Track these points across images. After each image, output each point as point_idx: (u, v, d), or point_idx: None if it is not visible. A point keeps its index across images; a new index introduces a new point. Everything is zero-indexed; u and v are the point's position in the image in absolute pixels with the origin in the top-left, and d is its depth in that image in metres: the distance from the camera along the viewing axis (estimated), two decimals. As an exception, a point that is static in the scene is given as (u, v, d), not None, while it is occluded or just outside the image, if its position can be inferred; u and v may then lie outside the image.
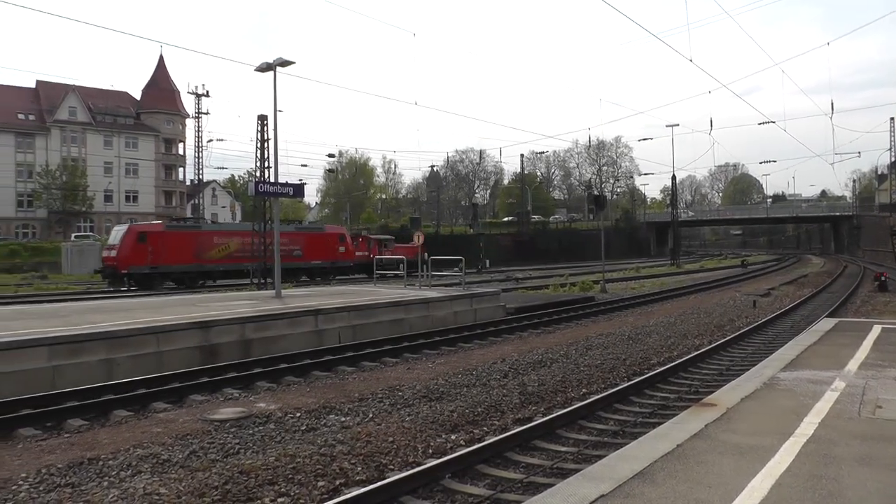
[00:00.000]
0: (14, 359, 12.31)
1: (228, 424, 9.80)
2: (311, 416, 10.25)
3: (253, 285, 41.46)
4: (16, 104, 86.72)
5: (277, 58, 23.83)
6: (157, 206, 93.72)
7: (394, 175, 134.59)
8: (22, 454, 8.80)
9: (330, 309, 18.33)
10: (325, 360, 15.27)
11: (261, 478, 7.48)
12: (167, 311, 17.97)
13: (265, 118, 43.15)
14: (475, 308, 22.80)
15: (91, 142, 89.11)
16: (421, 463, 8.06)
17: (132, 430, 9.89)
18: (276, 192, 24.31)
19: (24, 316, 17.64)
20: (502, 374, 13.40)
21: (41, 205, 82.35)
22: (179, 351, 14.61)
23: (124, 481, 7.53)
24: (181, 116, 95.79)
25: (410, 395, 11.60)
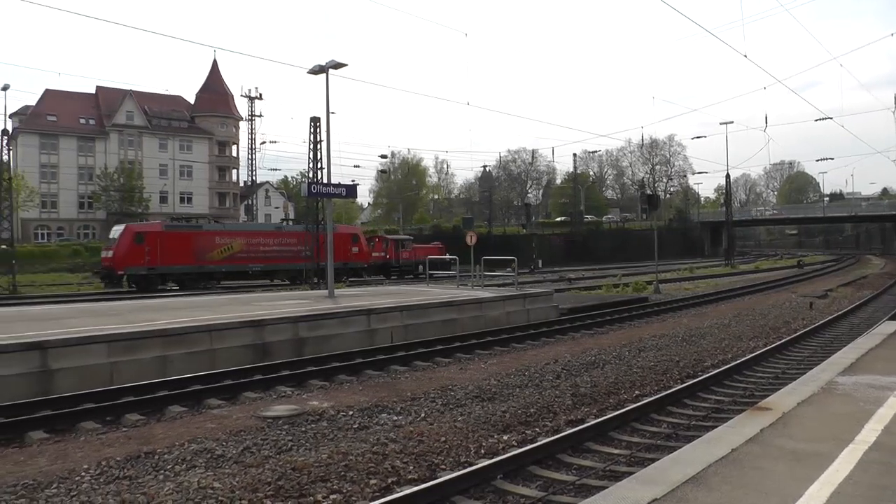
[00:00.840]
0: (76, 355, 12.66)
1: (281, 421, 9.86)
2: (364, 414, 10.27)
3: (306, 285, 41.71)
4: (77, 110, 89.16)
5: (330, 60, 23.95)
6: (211, 207, 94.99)
7: (446, 175, 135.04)
8: (84, 447, 9.05)
9: (382, 308, 18.39)
10: (377, 359, 15.33)
11: (313, 475, 7.51)
12: (220, 310, 18.20)
13: (318, 120, 43.56)
14: (528, 308, 22.68)
15: (147, 145, 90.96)
16: (473, 463, 8.02)
17: (187, 425, 10.03)
18: (329, 192, 24.44)
19: (85, 314, 18.03)
20: (555, 374, 13.29)
21: (100, 206, 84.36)
22: (232, 349, 14.80)
23: (179, 475, 7.63)
24: (235, 119, 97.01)
25: (463, 395, 11.56)
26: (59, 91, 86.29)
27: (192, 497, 6.88)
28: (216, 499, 6.85)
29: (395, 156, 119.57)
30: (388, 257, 52.96)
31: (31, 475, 7.71)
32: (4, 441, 9.70)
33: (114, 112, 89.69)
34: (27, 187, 75.11)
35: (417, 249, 54.82)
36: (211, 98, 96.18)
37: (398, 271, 52.75)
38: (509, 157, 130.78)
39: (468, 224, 75.29)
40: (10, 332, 13.92)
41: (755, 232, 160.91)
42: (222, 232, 45.73)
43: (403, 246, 54.45)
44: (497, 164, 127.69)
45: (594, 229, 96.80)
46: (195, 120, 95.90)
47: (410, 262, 53.09)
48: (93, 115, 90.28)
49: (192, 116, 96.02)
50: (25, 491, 7.19)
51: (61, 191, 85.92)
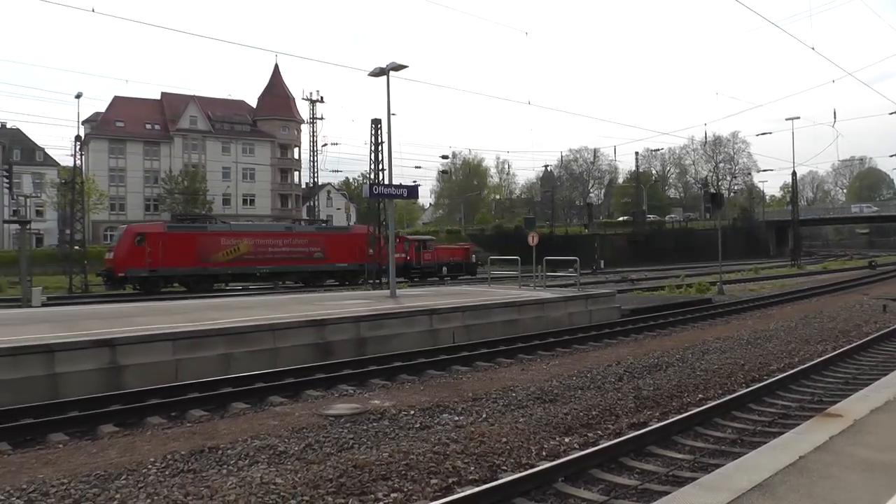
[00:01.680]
0: (142, 352, 12.99)
1: (343, 420, 9.93)
2: (425, 414, 10.28)
3: (368, 285, 41.90)
4: (143, 115, 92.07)
5: (391, 62, 24.06)
6: (273, 208, 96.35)
7: (507, 175, 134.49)
8: (150, 440, 9.30)
9: (444, 309, 18.43)
10: (439, 359, 15.36)
11: (374, 473, 7.54)
12: (283, 309, 18.43)
13: (379, 122, 43.80)
14: (590, 309, 22.51)
15: (210, 148, 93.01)
16: (534, 465, 7.97)
17: (249, 421, 10.17)
18: (391, 193, 24.56)
19: (152, 312, 18.42)
20: (617, 377, 13.14)
21: (165, 209, 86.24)
22: (294, 348, 14.99)
23: (242, 470, 7.75)
24: (296, 122, 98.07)
25: (524, 396, 11.50)
26: (126, 98, 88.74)
27: (255, 492, 6.96)
28: (278, 494, 6.92)
29: (456, 156, 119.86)
30: (408, 258, 50.44)
31: (103, 466, 7.97)
32: (79, 433, 10.16)
33: (178, 117, 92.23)
34: (97, 190, 77.39)
35: (441, 251, 53.16)
36: (273, 102, 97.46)
37: (419, 273, 50.34)
38: (571, 157, 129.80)
39: (530, 224, 74.79)
40: (82, 330, 14.35)
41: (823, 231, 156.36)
42: (228, 233, 44.29)
43: (425, 247, 51.95)
44: (559, 164, 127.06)
45: (657, 229, 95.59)
46: (257, 123, 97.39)
47: (432, 264, 50.97)
48: (158, 121, 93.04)
49: (255, 120, 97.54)
50: (98, 481, 7.42)
51: (129, 194, 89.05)
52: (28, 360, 12.06)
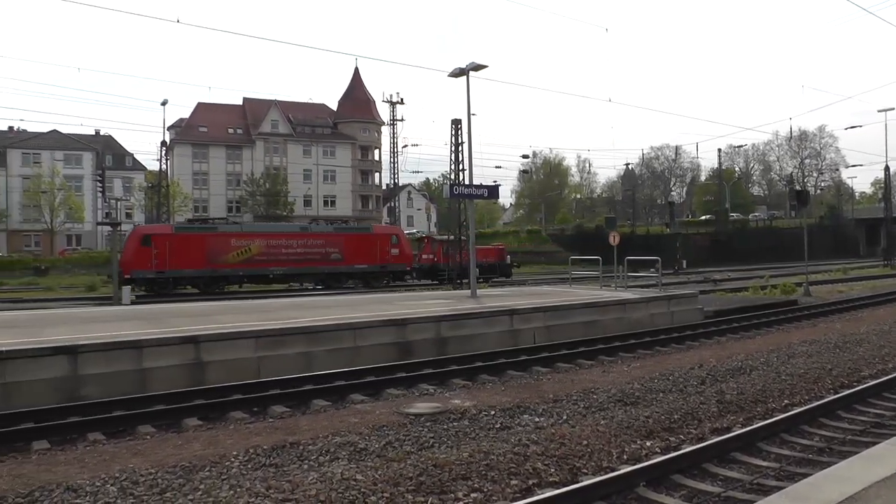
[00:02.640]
0: (226, 349, 13.32)
1: (423, 419, 9.95)
2: (506, 414, 10.22)
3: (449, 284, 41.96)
4: (226, 120, 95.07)
5: (470, 62, 24.05)
6: (354, 209, 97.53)
7: (588, 174, 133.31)
8: (233, 434, 9.51)
9: (525, 309, 18.37)
10: (520, 359, 15.30)
11: (454, 472, 7.52)
12: (364, 309, 18.62)
13: (459, 122, 43.91)
14: (672, 310, 22.15)
15: (291, 151, 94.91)
16: (615, 468, 7.85)
17: (330, 418, 10.28)
18: (471, 193, 24.54)
19: (235, 311, 18.86)
20: (699, 380, 12.85)
21: (248, 210, 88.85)
22: (375, 346, 15.12)
23: (323, 466, 7.83)
24: (376, 124, 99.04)
25: (605, 398, 11.34)
26: (209, 104, 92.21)
27: (336, 487, 7.01)
28: (358, 490, 6.96)
29: (536, 155, 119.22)
30: (435, 260, 48.97)
31: (188, 458, 8.21)
32: (165, 426, 10.56)
33: (260, 121, 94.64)
34: (182, 193, 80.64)
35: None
36: (353, 104, 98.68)
37: (447, 275, 47.84)
38: (652, 154, 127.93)
39: (611, 224, 73.71)
40: (168, 327, 14.77)
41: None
42: (239, 234, 43.07)
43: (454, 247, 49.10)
44: (639, 162, 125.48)
45: (740, 228, 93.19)
46: (338, 126, 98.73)
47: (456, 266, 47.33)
48: (240, 125, 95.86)
49: (335, 123, 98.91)
50: (183, 472, 7.65)
51: (212, 196, 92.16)
52: (118, 355, 12.54)
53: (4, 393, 11.45)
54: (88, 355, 12.26)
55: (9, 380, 11.58)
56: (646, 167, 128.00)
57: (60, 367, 12.00)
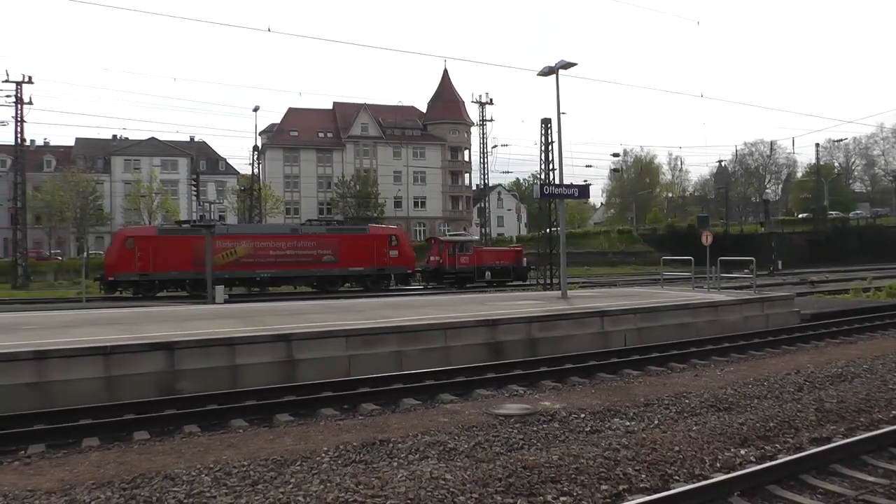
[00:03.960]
0: (317, 347, 13.56)
1: (513, 420, 9.91)
2: (596, 417, 10.11)
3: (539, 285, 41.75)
4: (317, 124, 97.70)
5: (559, 60, 23.88)
6: (445, 210, 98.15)
7: (680, 172, 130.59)
8: (324, 431, 9.66)
9: (616, 311, 18.15)
10: (610, 362, 15.13)
11: (543, 474, 7.46)
12: (456, 309, 18.69)
13: (549, 121, 43.63)
14: (767, 313, 21.49)
15: (381, 153, 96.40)
16: (707, 476, 7.64)
17: (420, 417, 10.35)
18: (561, 193, 24.38)
19: (326, 310, 19.19)
20: (796, 386, 12.43)
21: (338, 212, 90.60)
22: (466, 347, 15.13)
23: (412, 464, 7.88)
24: (466, 125, 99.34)
25: (697, 403, 11.09)
26: (300, 109, 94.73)
27: (424, 486, 7.04)
28: (447, 489, 6.97)
29: (627, 154, 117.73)
30: (441, 262, 46.07)
31: (279, 452, 8.41)
32: (257, 420, 10.82)
33: (350, 125, 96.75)
34: (273, 196, 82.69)
35: (484, 253, 48.42)
36: (442, 106, 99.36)
37: (453, 278, 45.76)
38: (746, 151, 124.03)
39: (703, 223, 72.07)
40: (260, 325, 15.09)
41: None
42: (224, 235, 41.38)
43: (462, 249, 46.61)
44: (733, 159, 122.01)
45: (840, 227, 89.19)
46: (427, 128, 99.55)
47: (469, 269, 45.76)
48: (331, 129, 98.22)
49: (425, 124, 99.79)
50: (274, 465, 7.85)
51: (303, 198, 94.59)
52: (213, 351, 12.89)
53: (109, 385, 11.97)
54: (184, 351, 12.68)
55: (113, 373, 12.06)
56: (739, 164, 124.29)
57: (158, 363, 12.45)
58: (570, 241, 46.19)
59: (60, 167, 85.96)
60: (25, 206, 54.17)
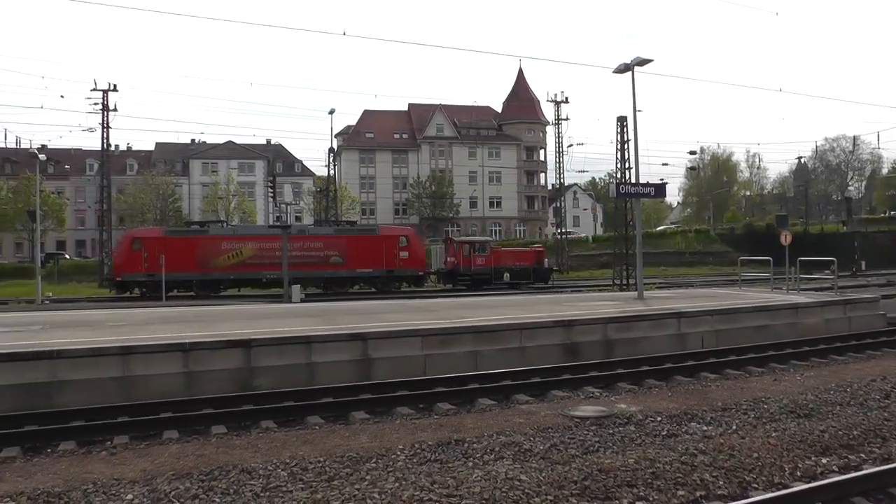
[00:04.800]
0: (392, 346, 13.72)
1: (588, 422, 9.82)
2: (672, 421, 9.94)
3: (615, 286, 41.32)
4: (392, 126, 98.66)
5: (635, 57, 23.63)
6: (520, 210, 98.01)
7: (758, 169, 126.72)
8: (399, 429, 9.74)
9: (693, 312, 17.89)
10: (687, 364, 14.89)
11: (619, 478, 7.38)
12: (532, 309, 18.68)
13: (624, 119, 43.14)
14: (849, 316, 20.83)
15: (456, 154, 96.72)
16: (788, 485, 7.43)
17: (495, 418, 10.32)
18: (637, 192, 24.15)
19: (403, 309, 19.47)
20: (883, 393, 11.98)
21: (414, 212, 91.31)
22: (542, 347, 15.08)
23: (487, 464, 7.87)
24: (541, 124, 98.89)
25: (776, 408, 10.81)
26: (375, 111, 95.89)
27: (500, 486, 7.02)
28: (522, 490, 6.94)
29: (704, 151, 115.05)
30: (456, 263, 44.66)
31: (355, 449, 8.51)
32: (333, 418, 10.99)
33: (425, 126, 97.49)
34: (349, 197, 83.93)
35: (502, 254, 46.56)
36: (517, 105, 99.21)
37: (469, 280, 43.76)
38: (827, 146, 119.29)
39: (782, 222, 70.08)
40: (337, 324, 15.29)
41: None
42: (230, 237, 41.93)
43: (477, 250, 44.66)
44: (813, 155, 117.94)
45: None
46: (503, 127, 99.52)
47: (485, 270, 43.84)
48: (406, 130, 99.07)
49: (500, 124, 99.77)
50: (350, 462, 7.94)
51: (378, 199, 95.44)
52: (290, 349, 13.12)
53: (189, 380, 12.31)
54: (261, 348, 12.93)
55: (192, 369, 12.38)
56: (820, 160, 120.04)
57: (236, 359, 12.74)
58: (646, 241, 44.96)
59: (142, 171, 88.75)
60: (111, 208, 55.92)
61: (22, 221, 71.48)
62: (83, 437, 9.95)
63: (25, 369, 11.69)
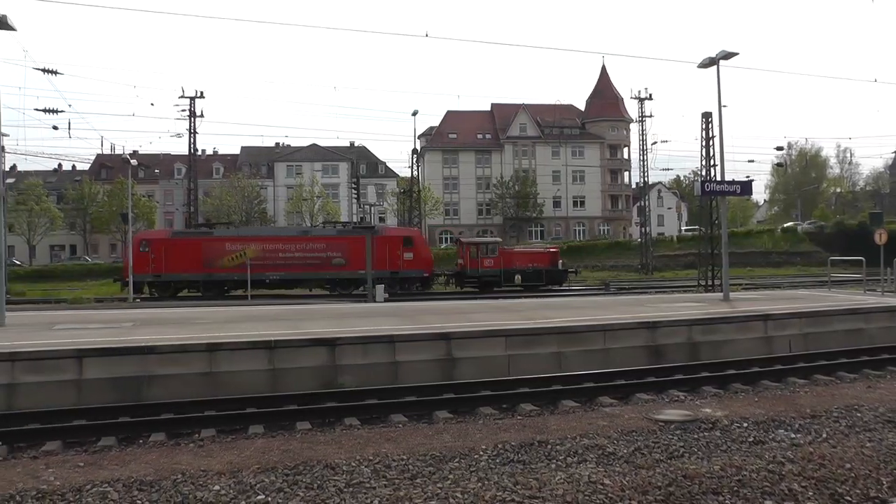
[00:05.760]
0: (476, 346, 13.85)
1: (673, 426, 9.63)
2: (759, 427, 9.65)
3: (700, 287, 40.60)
4: (475, 126, 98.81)
5: (720, 51, 23.10)
6: (604, 209, 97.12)
7: (849, 165, 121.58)
8: (482, 429, 9.70)
9: (780, 314, 17.44)
10: (774, 368, 14.49)
11: (704, 485, 7.22)
12: (614, 310, 18.53)
13: (709, 115, 42.32)
14: (955, 321, 20.01)
15: (540, 153, 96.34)
16: (886, 500, 7.14)
17: (579, 420, 10.21)
18: (723, 190, 23.69)
19: (488, 309, 19.59)
20: None
21: (497, 212, 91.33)
22: (625, 349, 14.96)
23: (570, 467, 7.78)
24: (625, 122, 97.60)
25: (871, 417, 10.39)
26: (458, 112, 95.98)
27: (583, 490, 6.97)
28: (605, 495, 6.87)
29: (791, 147, 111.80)
30: (463, 264, 43.52)
31: (438, 448, 8.52)
32: (416, 416, 11.15)
33: (508, 125, 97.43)
34: (433, 198, 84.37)
35: (513, 255, 44.84)
36: (601, 103, 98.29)
37: (476, 283, 42.68)
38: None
39: (876, 220, 67.14)
40: (420, 323, 15.40)
41: None
42: (234, 238, 42.18)
43: (486, 252, 43.24)
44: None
45: None
46: (586, 126, 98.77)
47: (494, 272, 42.32)
48: (489, 130, 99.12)
49: (583, 123, 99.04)
50: (433, 461, 7.97)
51: (461, 199, 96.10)
52: (374, 348, 13.29)
53: (273, 377, 12.57)
54: (345, 347, 13.13)
55: (276, 366, 12.63)
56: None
57: (320, 357, 12.97)
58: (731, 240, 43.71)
59: (228, 174, 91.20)
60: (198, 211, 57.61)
61: (115, 223, 74.79)
62: (172, 430, 10.36)
63: (118, 364, 12.23)
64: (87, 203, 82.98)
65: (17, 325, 17.19)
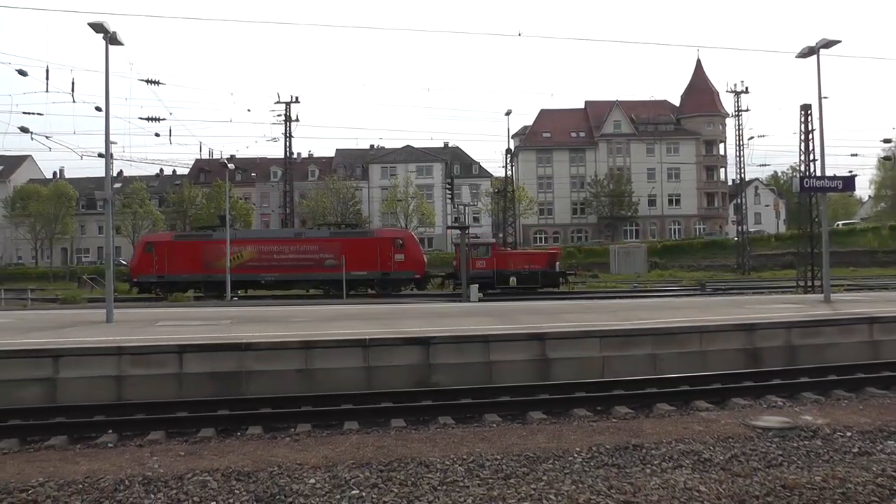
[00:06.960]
0: (571, 347, 13.78)
1: (771, 434, 9.37)
2: (865, 438, 9.24)
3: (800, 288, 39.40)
4: (569, 124, 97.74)
5: (820, 39, 22.13)
6: (700, 207, 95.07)
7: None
8: (576, 431, 9.66)
9: (888, 317, 16.61)
10: (881, 375, 13.81)
11: (804, 497, 6.97)
12: (711, 311, 18.20)
13: (808, 107, 40.80)
14: None
15: (634, 150, 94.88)
16: None
17: (674, 424, 10.05)
18: (823, 186, 22.79)
19: (580, 310, 19.49)
20: None
21: (591, 211, 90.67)
22: (722, 352, 14.62)
23: (665, 472, 7.68)
24: (721, 117, 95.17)
25: None
26: (552, 110, 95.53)
27: (678, 496, 6.87)
28: (701, 502, 6.77)
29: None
30: (457, 265, 41.73)
31: (531, 449, 8.52)
32: (510, 417, 11.15)
33: (602, 123, 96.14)
34: (527, 197, 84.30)
35: (508, 257, 43.90)
36: (696, 98, 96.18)
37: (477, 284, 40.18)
38: None
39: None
40: (514, 323, 15.44)
41: None
42: (232, 241, 41.61)
43: (478, 252, 41.98)
44: None
45: None
46: (681, 122, 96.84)
47: (487, 273, 40.91)
48: (583, 128, 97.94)
49: (678, 119, 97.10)
50: (526, 462, 7.97)
51: (556, 199, 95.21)
52: (468, 347, 13.38)
53: (368, 374, 12.79)
54: (439, 346, 13.23)
55: (371, 364, 12.84)
56: None
57: (414, 356, 13.13)
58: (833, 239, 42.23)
59: (323, 176, 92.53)
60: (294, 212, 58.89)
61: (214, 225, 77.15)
62: (269, 424, 10.65)
63: (217, 359, 12.75)
64: (187, 206, 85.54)
65: (124, 321, 18.03)
